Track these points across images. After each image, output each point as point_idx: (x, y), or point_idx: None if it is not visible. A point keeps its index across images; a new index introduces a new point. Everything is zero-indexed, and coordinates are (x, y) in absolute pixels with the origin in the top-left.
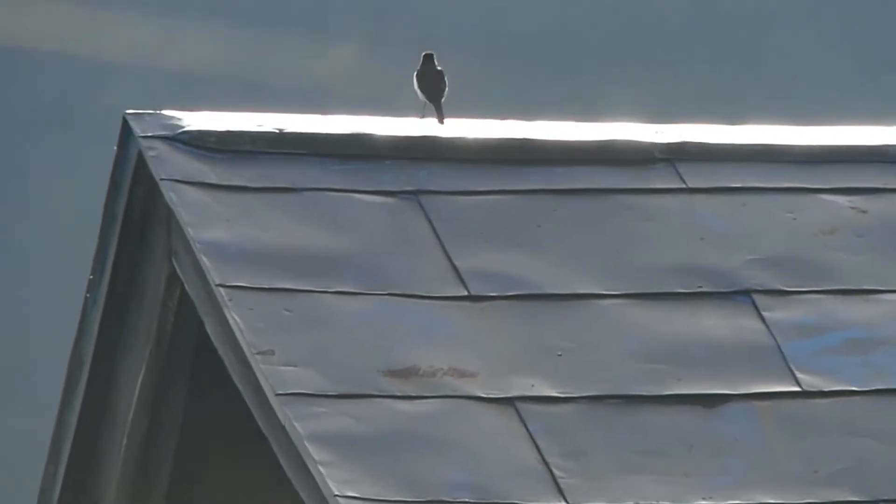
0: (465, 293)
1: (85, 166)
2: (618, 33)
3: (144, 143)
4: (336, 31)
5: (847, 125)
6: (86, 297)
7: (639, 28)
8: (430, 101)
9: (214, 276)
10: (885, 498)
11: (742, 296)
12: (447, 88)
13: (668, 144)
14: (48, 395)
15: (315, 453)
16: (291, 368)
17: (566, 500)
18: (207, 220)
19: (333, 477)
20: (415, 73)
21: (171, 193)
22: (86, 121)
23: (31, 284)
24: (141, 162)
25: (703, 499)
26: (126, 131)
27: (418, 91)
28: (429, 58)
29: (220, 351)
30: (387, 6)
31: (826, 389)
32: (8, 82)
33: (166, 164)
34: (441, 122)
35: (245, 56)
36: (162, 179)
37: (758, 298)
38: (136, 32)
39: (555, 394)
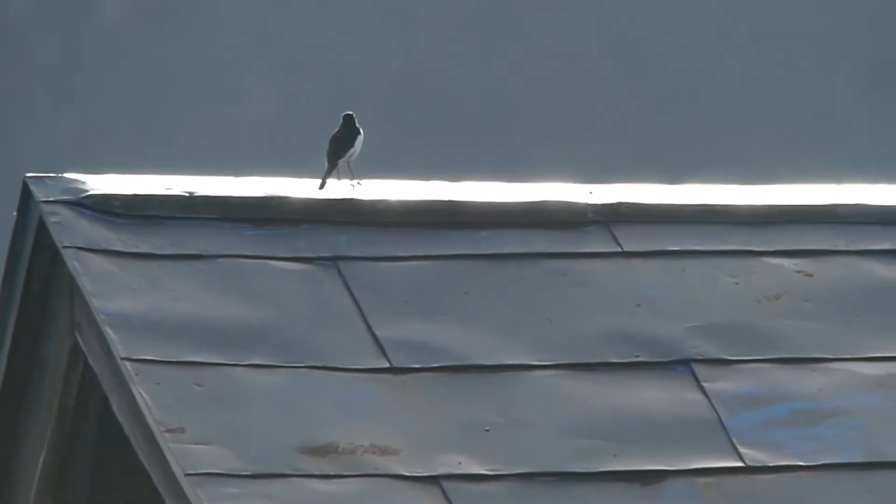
0: (387, 365)
1: None
2: (547, 89)
3: (46, 208)
4: (250, 86)
5: (792, 183)
6: None
7: (569, 84)
8: (328, 161)
9: (120, 350)
10: None
11: (681, 366)
12: (356, 152)
13: (603, 206)
14: None
15: None
16: (202, 447)
17: None
18: (113, 290)
19: None
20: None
21: (74, 262)
22: None
23: None
24: (42, 228)
25: None
26: (26, 195)
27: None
28: (346, 118)
29: (126, 429)
30: (305, 62)
31: (771, 465)
32: None
33: (69, 230)
34: (321, 186)
35: (153, 112)
36: (64, 247)
37: (698, 368)
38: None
39: (483, 471)
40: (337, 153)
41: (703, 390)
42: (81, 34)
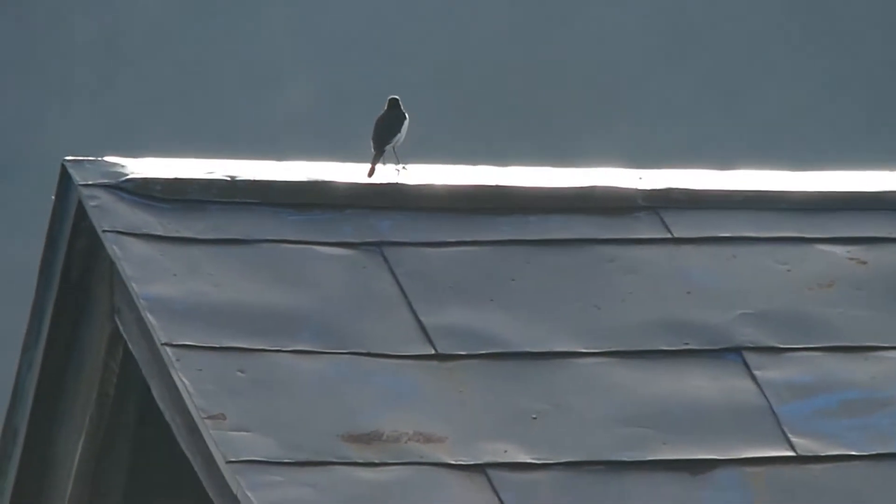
0: (433, 352)
1: (20, 217)
2: (597, 73)
3: (85, 191)
4: (295, 67)
5: (846, 170)
6: (20, 360)
7: (619, 68)
8: (373, 147)
9: (160, 335)
10: None
11: (732, 353)
12: (402, 136)
13: (653, 191)
14: None
15: None
16: (244, 434)
17: None
18: (153, 275)
19: None
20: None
21: (113, 246)
22: (20, 167)
23: None
24: (81, 213)
25: None
26: (65, 179)
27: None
28: (392, 102)
29: (167, 416)
30: (351, 45)
31: (822, 454)
32: None
33: (109, 214)
34: (369, 173)
35: (196, 96)
36: (104, 231)
37: (749, 356)
38: (75, 70)
39: (529, 460)
40: (383, 138)
41: (753, 378)
42: (123, 17)
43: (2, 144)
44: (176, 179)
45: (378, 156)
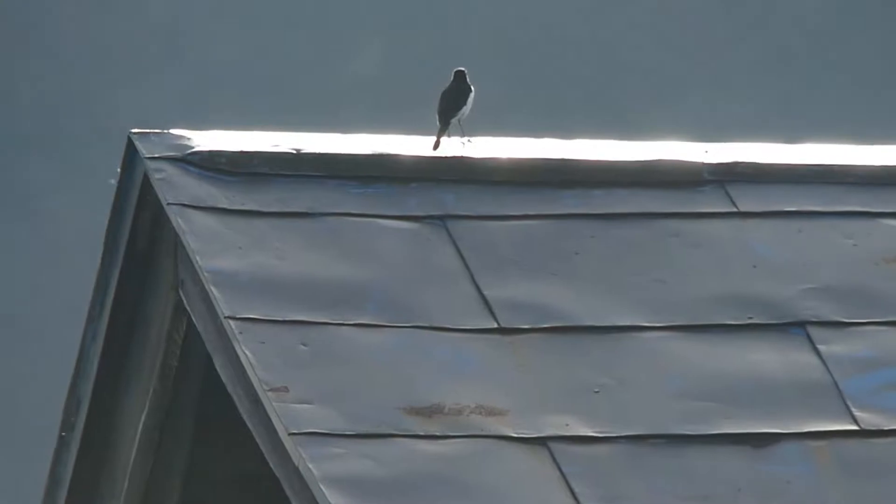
0: (495, 325)
1: (88, 186)
2: (662, 46)
3: (151, 164)
4: (359, 37)
5: None
6: (84, 331)
7: (685, 41)
8: (439, 120)
9: (224, 308)
10: None
11: (796, 328)
12: (468, 109)
13: (718, 165)
14: (43, 437)
15: (331, 497)
16: (306, 406)
17: None
18: (217, 248)
19: None
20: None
21: (178, 219)
22: (90, 139)
23: (26, 316)
24: (147, 185)
25: None
26: (131, 152)
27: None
28: (458, 75)
29: (230, 388)
30: (417, 14)
31: (887, 428)
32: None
33: (174, 187)
34: (434, 146)
35: (262, 65)
36: (169, 204)
37: (813, 331)
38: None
39: (591, 434)
40: (448, 111)
41: (817, 353)
42: None
43: (74, 117)
44: (241, 152)
45: (443, 129)
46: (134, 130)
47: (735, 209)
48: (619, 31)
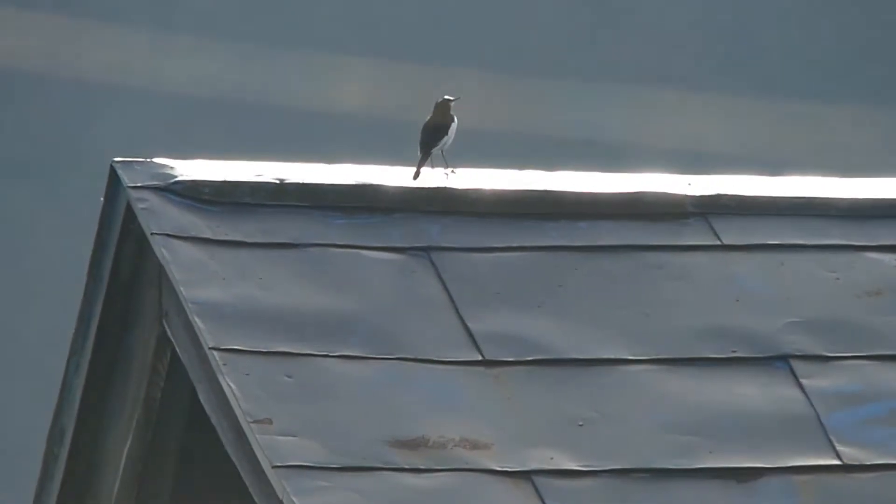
0: (480, 358)
1: (70, 215)
2: (648, 73)
3: (134, 193)
4: (342, 72)
5: (894, 177)
6: (67, 363)
7: (671, 70)
8: (420, 150)
9: (208, 339)
10: None
11: (779, 361)
12: (450, 140)
13: (702, 197)
14: (26, 471)
15: None
16: (290, 439)
17: None
18: (201, 279)
19: None
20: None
21: (162, 249)
22: (71, 169)
23: (6, 349)
24: (130, 215)
25: None
26: (114, 181)
27: None
28: (439, 105)
29: (214, 420)
30: (399, 47)
31: (869, 463)
32: None
33: (157, 216)
34: (414, 176)
35: (242, 97)
36: (153, 234)
37: (796, 365)
38: (125, 55)
39: (576, 467)
40: (430, 142)
41: (801, 387)
42: (174, 16)
43: (53, 145)
44: (224, 182)
45: (424, 158)
46: (117, 159)
47: (719, 242)
48: (605, 58)
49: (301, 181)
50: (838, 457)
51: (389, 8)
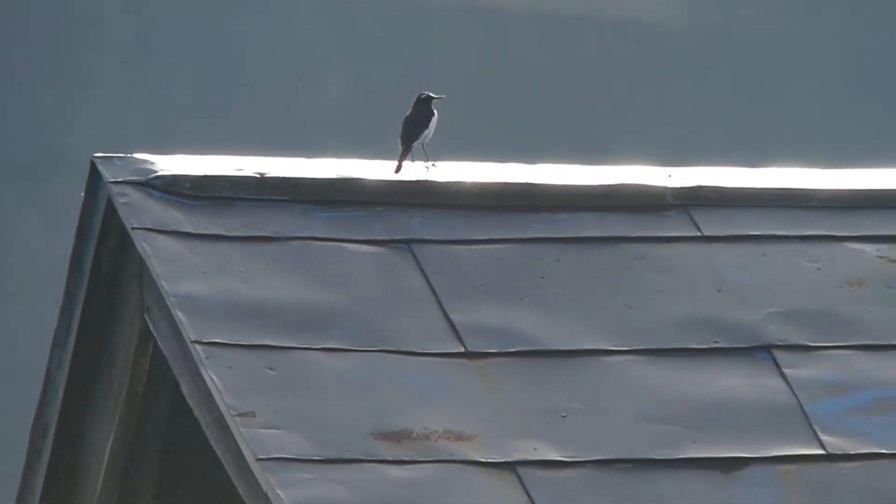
0: (462, 349)
1: (51, 212)
2: (627, 71)
3: (114, 188)
4: (324, 67)
5: (875, 168)
6: (50, 357)
7: (650, 64)
8: (401, 144)
9: (190, 333)
10: None
11: (762, 352)
12: (430, 133)
13: (682, 189)
14: (10, 464)
15: None
16: (274, 431)
17: None
18: (183, 272)
19: None
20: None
21: (143, 243)
22: (51, 162)
23: None
24: (111, 210)
25: None
26: (94, 176)
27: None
28: (419, 100)
29: (197, 413)
30: (379, 43)
31: (853, 452)
32: None
33: (138, 211)
34: (396, 170)
35: (229, 92)
36: (133, 228)
37: (779, 354)
38: (107, 66)
39: (559, 458)
40: (411, 135)
41: (783, 376)
42: (156, 16)
43: (34, 142)
44: (205, 176)
45: (405, 152)
46: (97, 154)
47: (700, 233)
48: (581, 54)
49: (282, 175)
50: (822, 446)
51: (368, 2)
